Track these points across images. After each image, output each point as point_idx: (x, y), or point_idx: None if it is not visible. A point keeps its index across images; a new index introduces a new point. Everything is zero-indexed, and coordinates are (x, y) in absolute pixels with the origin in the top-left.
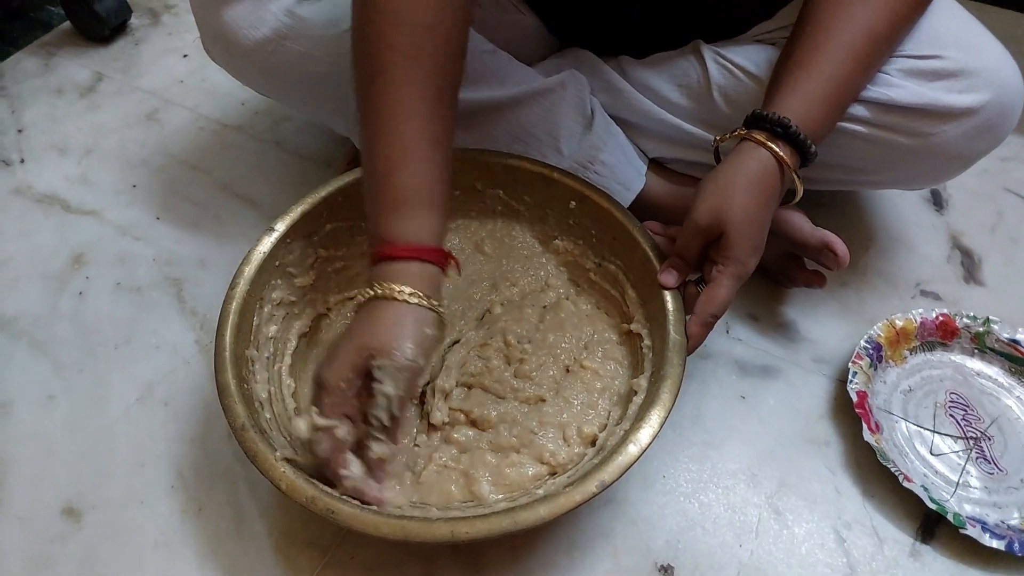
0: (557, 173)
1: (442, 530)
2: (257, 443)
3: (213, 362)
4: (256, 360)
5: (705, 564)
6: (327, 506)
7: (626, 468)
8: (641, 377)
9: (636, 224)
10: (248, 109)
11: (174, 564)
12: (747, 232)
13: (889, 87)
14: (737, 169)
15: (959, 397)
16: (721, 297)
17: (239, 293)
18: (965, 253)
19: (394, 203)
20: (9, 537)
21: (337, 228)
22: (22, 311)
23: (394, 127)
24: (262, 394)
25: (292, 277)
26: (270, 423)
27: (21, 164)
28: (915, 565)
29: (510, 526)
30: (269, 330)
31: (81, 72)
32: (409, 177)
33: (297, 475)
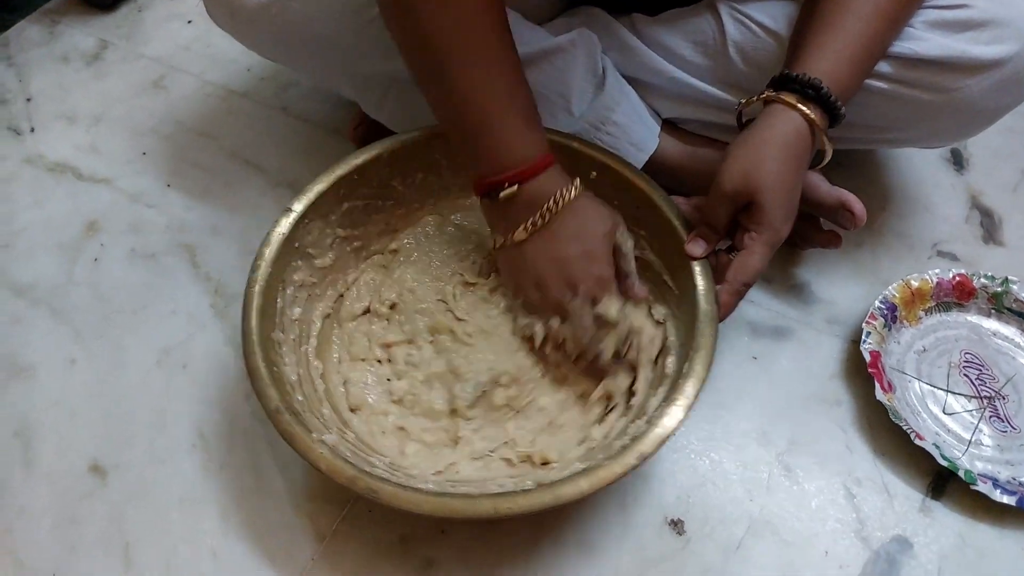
0: (577, 143)
1: (484, 506)
2: (293, 425)
3: (241, 344)
4: (283, 343)
5: (715, 518)
6: (368, 486)
7: (664, 440)
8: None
9: (660, 193)
10: (254, 75)
11: (198, 520)
12: (780, 198)
13: (913, 40)
14: (767, 133)
15: (974, 357)
16: (754, 265)
17: (262, 275)
18: (985, 213)
19: (527, 121)
20: (39, 495)
21: (353, 207)
22: (40, 279)
23: (492, 56)
24: (292, 376)
25: (312, 258)
26: (302, 404)
27: (31, 133)
28: (925, 520)
29: (552, 501)
30: (293, 312)
31: (86, 40)
32: (527, 92)
33: (335, 456)
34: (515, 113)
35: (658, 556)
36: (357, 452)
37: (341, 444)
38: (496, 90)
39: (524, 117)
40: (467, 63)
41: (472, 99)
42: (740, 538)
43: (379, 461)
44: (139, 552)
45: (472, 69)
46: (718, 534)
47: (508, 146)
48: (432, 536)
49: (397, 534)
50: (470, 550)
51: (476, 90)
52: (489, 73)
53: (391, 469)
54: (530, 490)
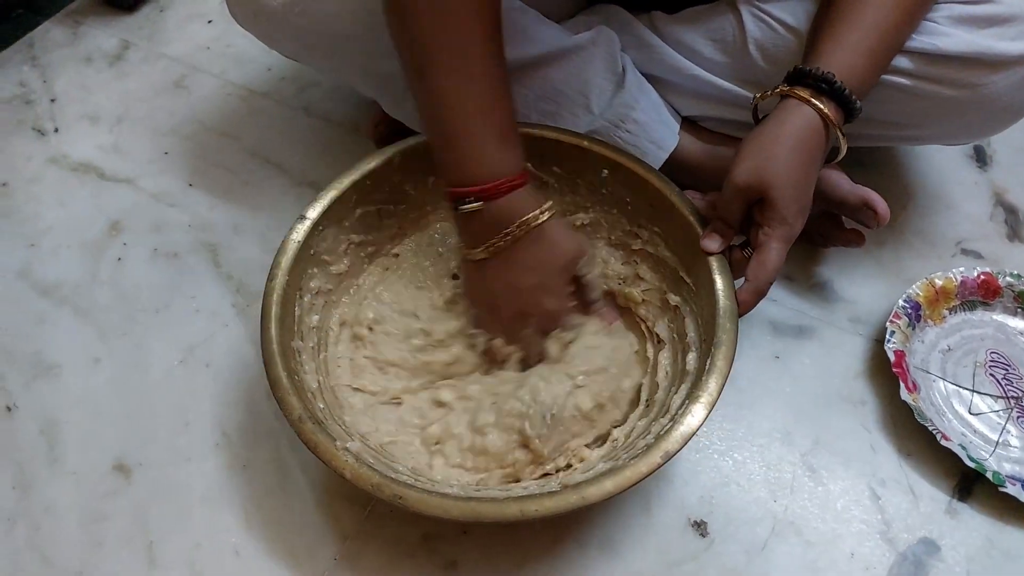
0: (587, 141)
1: (512, 509)
2: (317, 434)
3: (261, 354)
4: (303, 351)
5: (739, 519)
6: (394, 492)
7: (689, 437)
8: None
9: (674, 189)
10: (274, 75)
11: (221, 518)
12: (792, 192)
13: (936, 36)
14: (780, 128)
15: (1000, 356)
16: (772, 262)
17: (279, 284)
18: (1009, 210)
19: (501, 136)
20: (65, 492)
21: (366, 212)
22: (64, 278)
23: (475, 66)
24: (312, 384)
25: (327, 265)
26: (324, 412)
27: (55, 133)
28: (951, 523)
29: (578, 502)
30: (311, 320)
31: (108, 40)
32: (507, 108)
33: (360, 463)
34: (487, 128)
35: (681, 557)
36: (380, 459)
37: (364, 451)
38: (471, 102)
39: (498, 133)
40: (446, 70)
41: (446, 106)
42: (764, 539)
43: (402, 467)
44: (163, 550)
45: (450, 76)
46: (742, 535)
47: (476, 160)
48: (455, 536)
49: (420, 534)
50: (493, 551)
51: (451, 98)
52: (467, 84)
53: (414, 474)
54: (556, 492)
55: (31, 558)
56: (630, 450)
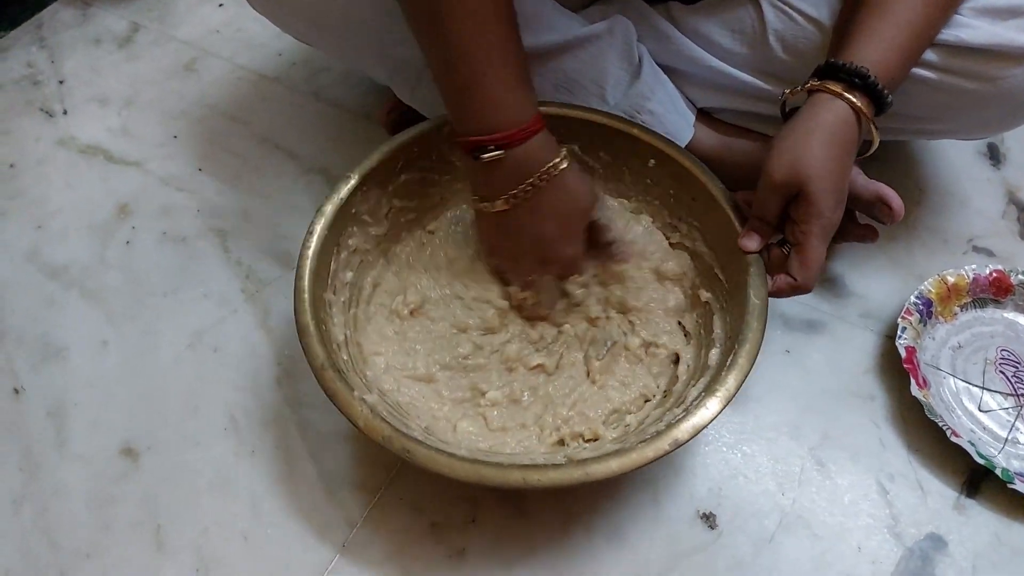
0: (637, 130)
1: (514, 476)
2: (336, 382)
3: (292, 303)
4: (333, 304)
5: (747, 511)
6: (403, 446)
7: (700, 429)
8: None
9: (718, 185)
10: (285, 60)
11: (229, 504)
12: (828, 186)
13: (960, 28)
14: (812, 122)
15: (1010, 354)
16: (815, 259)
17: (317, 237)
18: (1022, 208)
19: (518, 81)
20: (74, 476)
21: (411, 179)
22: (72, 260)
23: (489, 11)
24: (339, 336)
25: (367, 226)
26: (347, 364)
27: (64, 115)
28: (959, 518)
29: (582, 477)
30: (346, 276)
31: (118, 22)
32: (521, 52)
33: (374, 415)
34: (508, 72)
35: (690, 549)
36: (394, 414)
37: (380, 405)
38: (489, 44)
39: (516, 78)
40: (462, 14)
41: (463, 52)
42: (772, 532)
43: (415, 425)
44: (171, 534)
45: (466, 21)
46: (750, 527)
47: (498, 104)
48: (463, 524)
49: (428, 522)
50: (501, 539)
51: (468, 43)
52: (484, 25)
53: (427, 433)
54: (560, 464)
55: (38, 541)
56: (641, 435)
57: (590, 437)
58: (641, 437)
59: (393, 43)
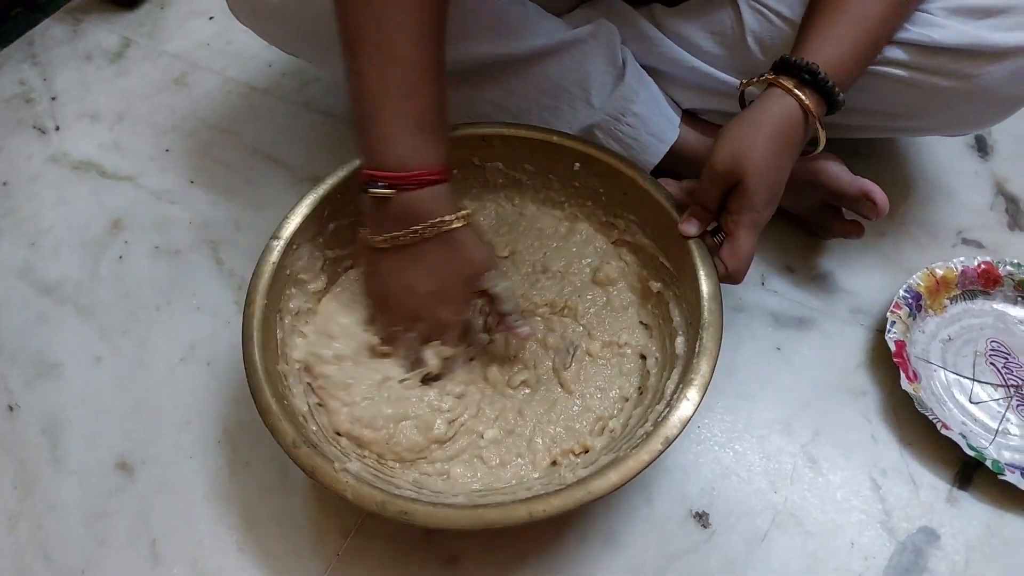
0: (557, 136)
1: (519, 513)
2: (314, 458)
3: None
4: (288, 374)
5: (740, 510)
6: (400, 508)
7: (686, 422)
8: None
9: (647, 177)
10: (275, 71)
11: (224, 515)
12: (765, 180)
13: (931, 27)
14: (760, 115)
15: (1000, 345)
16: (744, 249)
17: (257, 309)
18: (1010, 200)
19: (419, 125)
20: (68, 491)
21: (340, 226)
22: (65, 276)
23: (402, 50)
24: (302, 407)
25: (305, 284)
26: (318, 435)
27: (56, 132)
28: (952, 511)
29: (585, 497)
30: (294, 341)
31: (109, 38)
32: (430, 98)
33: (361, 483)
34: (404, 115)
35: (683, 549)
36: (379, 475)
37: (363, 470)
38: (391, 86)
39: (415, 122)
40: (371, 51)
41: (366, 87)
42: (765, 530)
43: (402, 481)
44: (166, 547)
45: (374, 58)
46: (742, 526)
47: (389, 145)
48: (456, 531)
49: (421, 530)
50: (495, 545)
51: (372, 79)
52: (389, 67)
53: (416, 486)
54: (561, 489)
55: (34, 557)
56: (630, 439)
57: (580, 451)
58: (632, 442)
59: None
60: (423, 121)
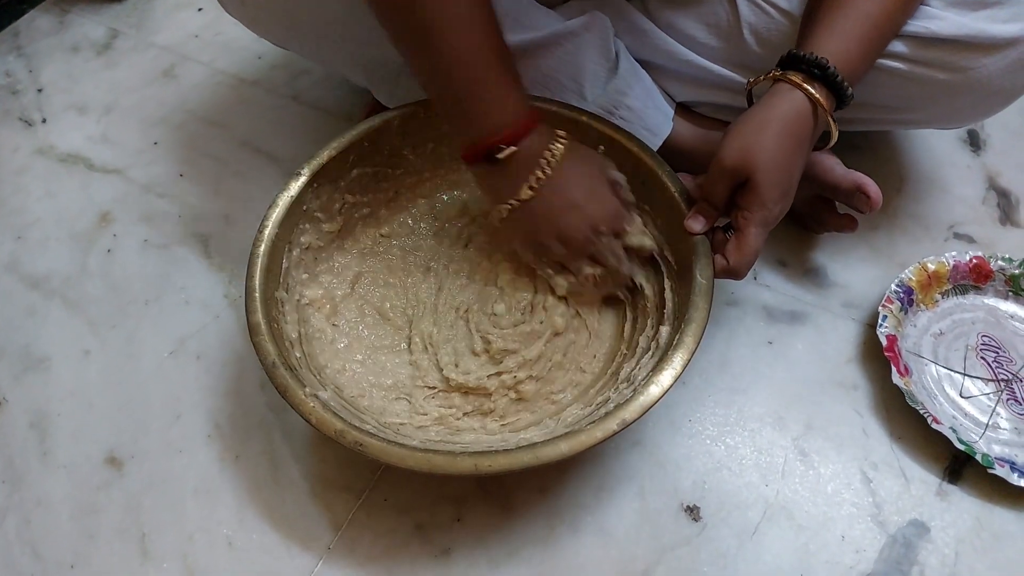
0: (585, 116)
1: (465, 463)
2: (287, 379)
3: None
4: (286, 301)
5: (731, 503)
6: (355, 439)
7: (647, 408)
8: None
9: (666, 169)
10: (265, 63)
11: (214, 509)
12: (775, 177)
13: (929, 19)
14: (769, 111)
15: (991, 340)
16: (750, 246)
17: (267, 236)
18: (1002, 194)
19: (515, 80)
20: (57, 486)
21: (363, 174)
22: (53, 270)
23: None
24: (292, 334)
25: (320, 222)
26: (300, 361)
27: (43, 124)
28: (942, 504)
29: (531, 460)
30: (299, 274)
31: (96, 29)
32: (509, 53)
33: (326, 410)
34: (504, 69)
35: (674, 542)
36: (348, 408)
37: (334, 400)
38: (485, 53)
39: (513, 76)
40: (454, 27)
41: (461, 62)
42: (756, 523)
43: (370, 419)
44: (156, 542)
45: (460, 34)
46: (734, 519)
47: (501, 105)
48: (448, 524)
49: (413, 523)
50: (486, 538)
51: (465, 53)
52: (477, 37)
53: (380, 427)
54: (511, 449)
55: (22, 552)
56: (591, 417)
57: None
58: (590, 419)
59: (369, 45)
60: (514, 74)
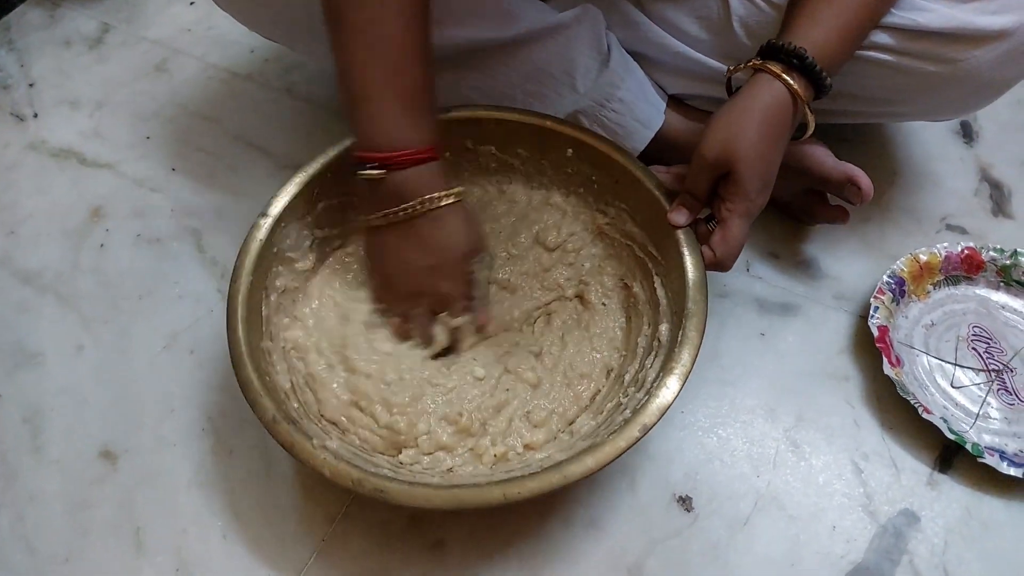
0: (551, 122)
1: (494, 494)
2: (292, 434)
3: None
4: (273, 351)
5: (723, 494)
6: (375, 486)
7: (665, 409)
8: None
9: (639, 165)
10: (257, 57)
11: (207, 504)
12: (757, 168)
13: (916, 11)
14: (749, 102)
15: (982, 330)
16: (735, 238)
17: (243, 286)
18: (994, 186)
19: (406, 104)
20: (50, 481)
21: (329, 206)
22: (46, 265)
23: (386, 28)
24: (285, 384)
25: (292, 262)
26: (299, 412)
27: (35, 119)
28: (932, 494)
29: (560, 481)
30: (280, 320)
31: (87, 23)
32: (417, 77)
33: (338, 460)
34: (391, 94)
35: (666, 533)
36: (359, 454)
37: (343, 448)
38: (379, 67)
39: (402, 101)
40: (358, 30)
41: (354, 68)
42: (747, 514)
43: (383, 460)
44: (150, 536)
45: (360, 37)
46: (726, 510)
47: (379, 126)
48: (441, 517)
49: (406, 516)
50: (479, 531)
51: (359, 60)
52: (376, 48)
53: (394, 467)
54: (537, 472)
55: (16, 547)
56: (609, 426)
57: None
58: (610, 428)
59: None
60: (410, 100)
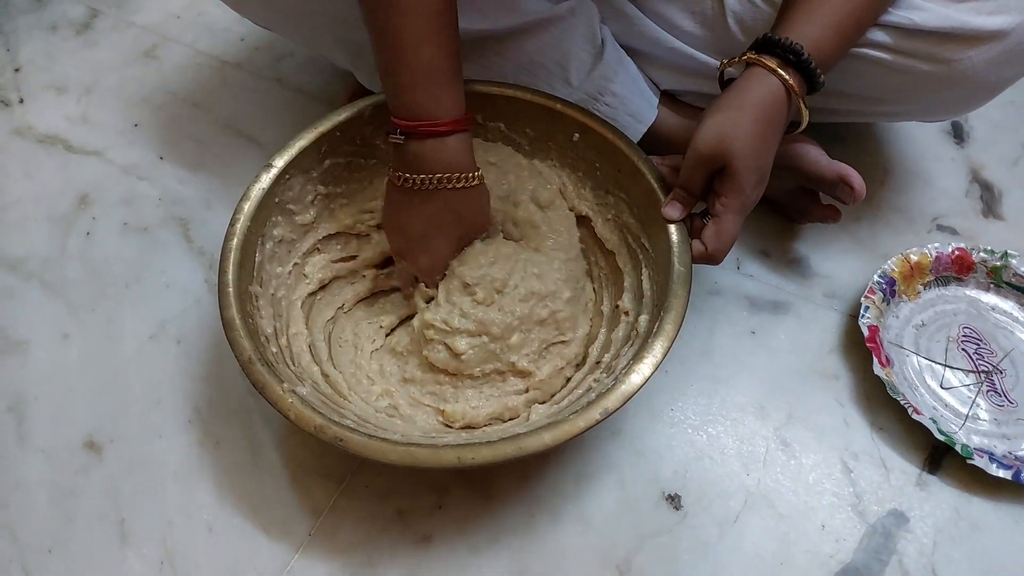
0: (560, 104)
1: (449, 456)
2: (264, 375)
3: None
4: (260, 296)
5: (712, 492)
6: (335, 434)
7: (629, 396)
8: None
9: (641, 156)
10: (247, 45)
11: (194, 495)
12: (752, 163)
13: (912, 10)
14: (744, 97)
15: (972, 331)
16: (728, 233)
17: (239, 229)
18: (985, 187)
19: (429, 76)
20: (34, 469)
21: (335, 164)
22: (32, 252)
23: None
24: (267, 329)
25: (292, 214)
26: (276, 356)
27: (20, 104)
28: (921, 494)
29: (515, 452)
30: (273, 268)
31: (75, 8)
32: (440, 48)
33: (304, 405)
34: (417, 67)
35: (655, 530)
36: (328, 403)
37: (312, 395)
38: (405, 38)
39: (428, 74)
40: (389, 4)
41: (385, 39)
42: (737, 512)
43: (350, 413)
44: (135, 526)
45: (392, 11)
46: (715, 508)
47: (402, 96)
48: (429, 511)
49: (394, 509)
50: (467, 525)
51: (390, 32)
52: (402, 20)
53: (361, 421)
54: (494, 441)
55: (0, 536)
56: (574, 406)
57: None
58: (572, 408)
59: (351, 27)
60: (444, 74)
